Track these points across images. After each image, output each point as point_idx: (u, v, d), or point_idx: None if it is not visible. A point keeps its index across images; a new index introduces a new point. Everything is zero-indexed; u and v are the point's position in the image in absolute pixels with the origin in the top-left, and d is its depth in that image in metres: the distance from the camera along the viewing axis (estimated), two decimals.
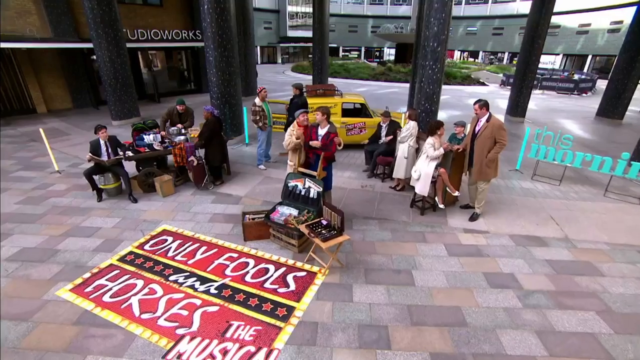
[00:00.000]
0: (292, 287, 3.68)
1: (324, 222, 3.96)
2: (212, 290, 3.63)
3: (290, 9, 44.10)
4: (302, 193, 4.43)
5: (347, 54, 49.28)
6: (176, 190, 5.99)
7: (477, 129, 4.72)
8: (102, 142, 5.34)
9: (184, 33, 14.38)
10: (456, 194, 4.99)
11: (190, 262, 4.11)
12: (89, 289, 3.63)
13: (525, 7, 33.23)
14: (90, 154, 5.24)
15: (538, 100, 16.89)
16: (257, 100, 6.52)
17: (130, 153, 5.68)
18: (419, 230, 4.80)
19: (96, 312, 3.31)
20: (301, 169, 4.48)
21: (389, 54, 46.07)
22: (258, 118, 6.49)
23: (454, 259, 4.18)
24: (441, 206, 5.02)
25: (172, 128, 6.25)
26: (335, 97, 7.88)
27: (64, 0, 11.79)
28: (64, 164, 7.14)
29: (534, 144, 6.62)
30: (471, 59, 42.74)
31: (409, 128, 5.53)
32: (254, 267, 4.01)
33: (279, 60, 46.11)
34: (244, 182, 6.35)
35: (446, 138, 5.42)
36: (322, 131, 4.56)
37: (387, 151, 6.24)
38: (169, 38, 13.94)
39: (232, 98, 8.10)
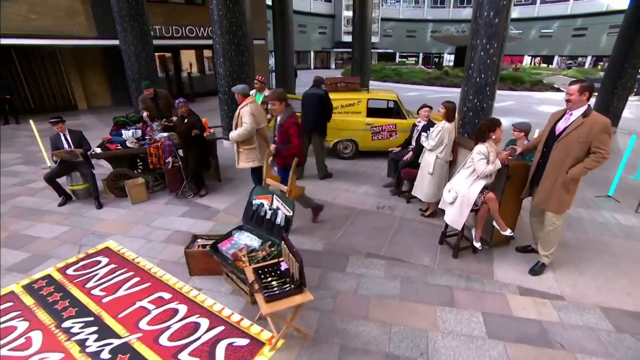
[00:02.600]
0: None
1: (283, 267, 2.55)
2: (105, 354, 2.43)
3: (347, 13, 43.26)
4: (268, 216, 3.08)
5: (403, 60, 46.87)
6: (152, 196, 5.03)
7: (560, 126, 2.96)
8: (61, 135, 4.58)
9: (208, 30, 14.02)
10: (508, 233, 3.25)
11: (106, 300, 2.98)
12: None
13: (619, 2, 28.29)
14: (53, 152, 4.52)
15: (632, 108, 13.52)
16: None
17: (99, 150, 4.84)
18: (445, 283, 3.15)
19: None
20: (269, 181, 3.15)
21: (449, 60, 42.66)
22: None
23: (497, 344, 2.49)
24: (477, 245, 3.32)
25: (155, 123, 5.33)
26: (360, 92, 6.43)
27: (107, 0, 12.00)
28: None
29: None
30: (544, 65, 37.64)
31: (440, 131, 3.90)
32: (181, 320, 2.74)
33: (332, 66, 45.44)
34: (231, 192, 5.17)
35: (502, 147, 3.72)
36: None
37: (415, 162, 4.62)
38: (204, 35, 13.61)
39: None
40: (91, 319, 2.76)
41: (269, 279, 2.44)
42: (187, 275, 3.26)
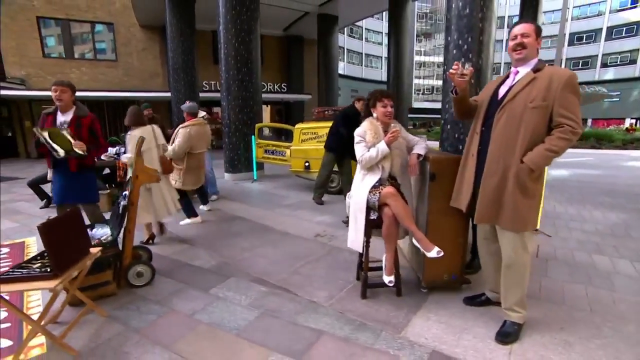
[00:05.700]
0: None
1: None
2: None
3: (417, 81, 44.36)
4: (120, 205, 2.65)
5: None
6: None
7: (502, 90, 1.99)
8: None
9: (269, 85, 15.36)
10: (434, 254, 2.13)
11: None
12: None
13: None
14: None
15: None
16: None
17: None
18: (319, 326, 2.15)
19: None
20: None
21: None
22: None
23: None
24: (386, 280, 2.27)
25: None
26: None
27: None
28: None
29: None
30: None
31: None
32: None
33: None
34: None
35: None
36: (64, 117, 2.96)
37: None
38: None
39: (246, 127, 7.15)
40: None
41: (38, 260, 1.93)
42: None
